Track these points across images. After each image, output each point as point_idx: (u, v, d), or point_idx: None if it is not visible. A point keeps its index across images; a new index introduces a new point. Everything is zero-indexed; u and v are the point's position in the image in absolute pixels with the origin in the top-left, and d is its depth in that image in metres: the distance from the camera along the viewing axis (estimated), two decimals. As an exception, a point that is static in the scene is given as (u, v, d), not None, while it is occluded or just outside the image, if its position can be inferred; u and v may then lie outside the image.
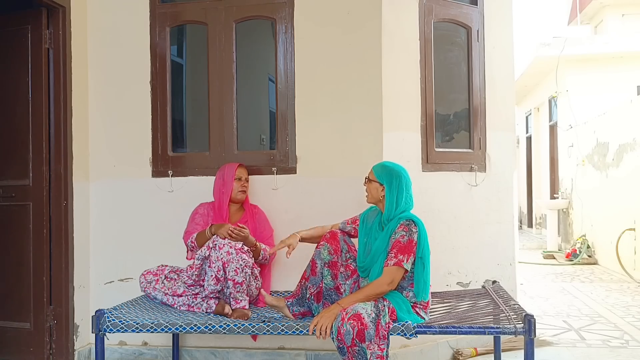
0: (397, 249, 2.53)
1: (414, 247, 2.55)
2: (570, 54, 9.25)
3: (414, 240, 2.55)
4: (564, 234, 9.50)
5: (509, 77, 4.04)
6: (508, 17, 4.04)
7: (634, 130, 6.68)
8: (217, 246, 2.82)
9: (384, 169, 2.71)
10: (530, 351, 2.36)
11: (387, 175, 2.68)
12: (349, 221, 2.88)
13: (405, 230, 2.56)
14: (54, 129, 3.42)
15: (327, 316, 2.45)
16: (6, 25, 3.46)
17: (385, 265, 2.53)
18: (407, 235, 2.55)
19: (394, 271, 2.52)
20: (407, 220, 2.58)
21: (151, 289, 2.99)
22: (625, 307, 5.04)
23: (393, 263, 2.51)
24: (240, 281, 2.82)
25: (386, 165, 2.74)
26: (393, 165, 2.74)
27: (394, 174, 2.68)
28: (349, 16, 3.36)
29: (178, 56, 4.21)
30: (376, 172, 2.71)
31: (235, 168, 3.24)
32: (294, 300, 2.76)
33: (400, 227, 2.57)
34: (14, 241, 3.44)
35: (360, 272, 2.71)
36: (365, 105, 3.34)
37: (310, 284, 2.72)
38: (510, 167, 3.96)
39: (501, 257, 3.83)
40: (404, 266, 2.51)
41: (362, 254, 2.72)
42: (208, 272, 2.86)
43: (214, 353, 3.43)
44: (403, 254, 2.52)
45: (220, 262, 2.80)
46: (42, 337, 3.39)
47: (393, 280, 2.52)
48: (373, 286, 2.52)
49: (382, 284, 2.51)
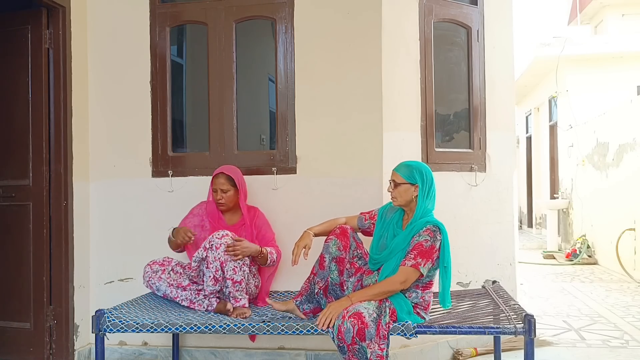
0: (417, 251, 2.52)
1: (435, 254, 2.54)
2: (570, 54, 9.25)
3: (436, 247, 2.54)
4: (564, 234, 9.50)
5: (509, 77, 4.04)
6: (508, 17, 4.04)
7: (634, 130, 6.68)
8: (213, 246, 2.79)
9: (412, 169, 2.64)
10: (530, 351, 2.36)
11: (418, 173, 2.62)
12: (367, 217, 2.84)
13: (430, 235, 2.54)
14: (54, 129, 3.42)
15: (336, 307, 2.45)
16: (6, 25, 3.47)
17: (402, 264, 2.52)
18: (431, 241, 2.53)
19: (409, 272, 2.51)
20: (433, 226, 2.56)
21: (156, 279, 2.96)
22: (625, 307, 5.04)
23: (411, 264, 2.50)
24: (239, 280, 2.81)
25: (412, 164, 2.68)
26: (417, 164, 2.70)
27: (424, 171, 2.64)
28: (349, 16, 3.36)
29: (178, 56, 4.21)
30: (404, 174, 2.64)
31: (212, 178, 3.11)
32: (302, 298, 2.73)
33: (426, 230, 2.55)
34: (14, 241, 3.45)
35: (371, 264, 2.70)
36: (365, 105, 3.34)
37: (318, 278, 2.70)
38: (510, 167, 3.96)
39: (501, 257, 3.83)
40: (421, 270, 2.50)
41: (375, 247, 2.70)
42: (206, 273, 2.84)
43: (214, 353, 3.43)
44: (423, 257, 2.51)
45: (218, 262, 2.79)
46: (42, 337, 3.39)
47: (406, 280, 2.51)
48: (386, 283, 2.51)
49: (396, 282, 2.50)
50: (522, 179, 12.62)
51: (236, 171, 3.15)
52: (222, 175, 3.08)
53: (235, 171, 3.14)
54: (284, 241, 3.37)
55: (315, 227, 2.79)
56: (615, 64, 9.25)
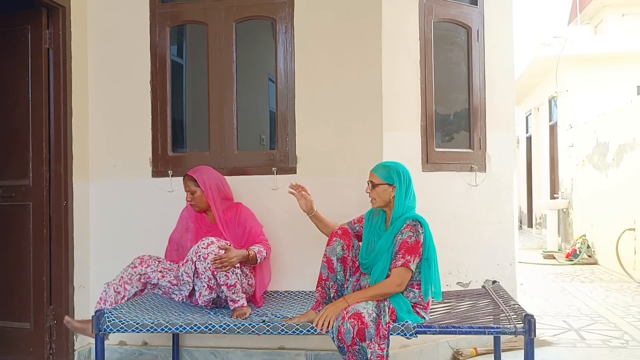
0: (404, 249, 2.52)
1: (420, 248, 2.54)
2: (570, 54, 9.25)
3: (420, 241, 2.54)
4: (564, 234, 9.50)
5: (508, 77, 4.04)
6: (508, 17, 4.04)
7: (634, 130, 6.68)
8: (201, 257, 2.78)
9: (389, 169, 2.67)
10: (530, 351, 2.36)
11: (395, 174, 2.64)
12: (356, 221, 2.85)
13: (412, 230, 2.55)
14: (54, 129, 3.42)
15: (332, 309, 2.45)
16: (6, 25, 3.47)
17: (393, 266, 2.53)
18: (415, 235, 2.54)
19: (402, 272, 2.51)
20: (413, 221, 2.57)
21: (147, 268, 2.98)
22: (625, 307, 5.04)
23: (401, 264, 2.51)
24: (232, 283, 2.81)
25: (388, 165, 2.71)
26: (394, 164, 2.72)
27: (401, 171, 2.66)
28: (349, 16, 3.36)
29: (178, 56, 4.21)
30: (381, 174, 2.66)
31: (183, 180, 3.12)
32: (323, 306, 2.67)
33: (407, 227, 2.56)
34: (14, 241, 3.45)
35: (363, 269, 2.71)
36: (365, 105, 3.34)
37: (331, 282, 2.69)
38: (510, 167, 3.96)
39: (501, 257, 3.83)
40: (411, 267, 2.51)
41: (365, 252, 2.71)
42: (198, 284, 2.85)
43: (214, 353, 3.43)
44: (410, 254, 2.52)
45: (209, 271, 2.78)
46: (42, 337, 3.39)
47: (402, 282, 2.51)
48: (382, 286, 2.52)
49: (392, 284, 2.51)
50: (522, 179, 12.62)
51: (202, 171, 3.12)
52: (186, 177, 3.09)
53: (200, 171, 3.11)
54: (285, 241, 3.38)
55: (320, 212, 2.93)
56: (615, 64, 9.25)
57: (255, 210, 3.43)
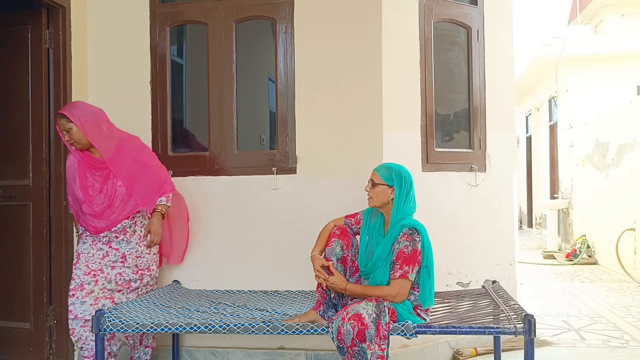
0: (402, 260, 2.51)
1: (419, 256, 2.52)
2: (570, 54, 9.25)
3: (418, 249, 2.52)
4: (564, 234, 9.50)
5: (508, 77, 4.04)
6: (508, 17, 4.04)
7: (634, 130, 6.68)
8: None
9: (392, 171, 2.63)
10: (530, 351, 2.36)
11: (397, 176, 2.61)
12: (352, 221, 2.82)
13: (408, 240, 2.52)
14: (54, 129, 3.42)
15: (337, 282, 2.56)
16: (6, 25, 3.47)
17: (392, 277, 2.52)
18: (411, 245, 2.52)
19: (400, 284, 2.50)
20: (409, 229, 2.54)
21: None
22: (625, 307, 5.04)
23: (399, 275, 2.50)
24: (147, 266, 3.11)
25: (392, 167, 2.66)
26: (398, 167, 2.67)
27: (403, 175, 2.62)
28: (349, 16, 3.36)
29: (178, 56, 4.20)
30: (383, 175, 2.63)
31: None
32: (323, 306, 2.68)
33: (403, 236, 2.53)
34: (14, 241, 3.45)
35: (362, 275, 2.70)
36: (365, 105, 3.34)
37: None
38: (510, 167, 3.96)
39: (501, 257, 3.83)
40: (409, 277, 2.50)
41: (364, 255, 2.69)
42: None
43: (214, 353, 3.43)
44: (408, 264, 2.50)
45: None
46: (42, 337, 3.39)
47: (399, 293, 2.50)
48: (382, 292, 2.50)
49: (389, 294, 2.49)
50: (522, 179, 12.62)
51: (73, 106, 2.98)
52: (58, 116, 2.93)
53: (70, 106, 2.97)
54: (285, 241, 3.38)
55: (317, 247, 2.73)
56: (615, 64, 9.25)
57: (255, 210, 3.45)
